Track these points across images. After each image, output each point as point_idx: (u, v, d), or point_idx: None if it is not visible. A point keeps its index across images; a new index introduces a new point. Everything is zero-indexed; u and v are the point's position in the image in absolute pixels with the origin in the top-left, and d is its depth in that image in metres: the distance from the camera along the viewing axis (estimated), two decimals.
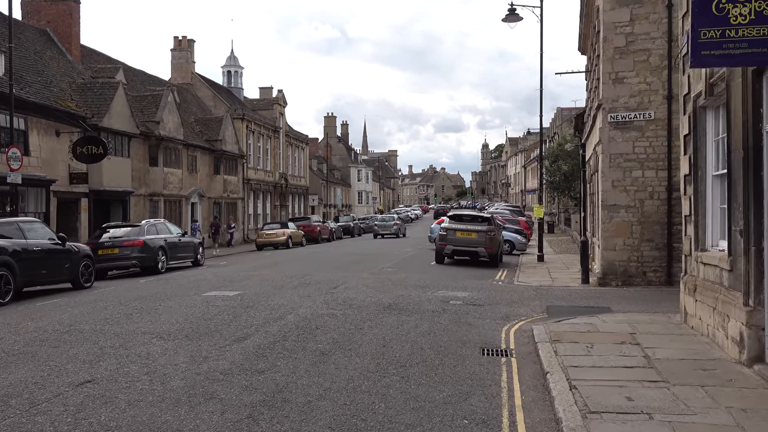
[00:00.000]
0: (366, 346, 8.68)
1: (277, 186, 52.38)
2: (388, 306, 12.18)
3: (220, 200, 41.19)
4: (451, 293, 14.27)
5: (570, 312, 11.76)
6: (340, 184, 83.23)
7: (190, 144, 36.95)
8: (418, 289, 14.94)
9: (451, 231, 22.78)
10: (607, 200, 15.83)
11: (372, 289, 14.72)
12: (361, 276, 17.93)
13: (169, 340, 8.99)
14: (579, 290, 15.30)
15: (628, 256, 15.70)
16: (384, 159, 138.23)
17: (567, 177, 49.18)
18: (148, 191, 32.34)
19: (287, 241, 37.00)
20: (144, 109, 33.33)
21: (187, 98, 44.25)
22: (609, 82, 15.82)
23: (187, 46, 47.04)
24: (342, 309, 11.76)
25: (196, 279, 17.57)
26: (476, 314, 11.48)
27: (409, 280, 16.75)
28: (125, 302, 12.90)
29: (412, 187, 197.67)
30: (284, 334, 9.36)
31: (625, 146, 15.74)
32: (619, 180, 15.76)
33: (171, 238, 21.82)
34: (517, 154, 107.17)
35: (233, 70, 55.61)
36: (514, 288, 15.85)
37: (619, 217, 15.76)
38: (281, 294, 13.80)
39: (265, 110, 53.74)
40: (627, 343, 8.44)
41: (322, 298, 13.09)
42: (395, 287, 15.17)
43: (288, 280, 16.71)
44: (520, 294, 14.46)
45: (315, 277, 17.34)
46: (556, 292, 14.97)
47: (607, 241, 15.82)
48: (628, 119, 15.70)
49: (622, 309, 11.98)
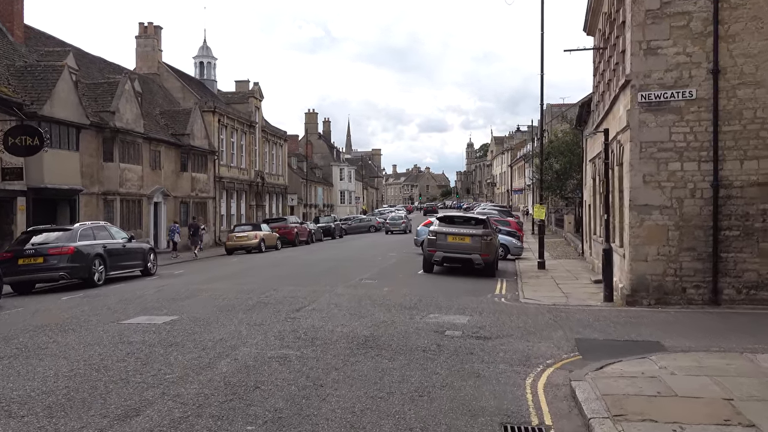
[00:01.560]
0: (323, 427, 5.55)
1: (252, 184, 49.02)
2: (364, 341, 9.05)
3: (188, 200, 37.78)
4: (447, 318, 11.16)
5: (609, 350, 8.71)
6: (321, 183, 79.90)
7: (152, 138, 33.55)
8: (404, 311, 11.82)
9: (442, 235, 19.68)
10: (637, 199, 12.82)
11: (345, 312, 11.58)
12: (335, 291, 14.78)
13: (15, 418, 5.77)
14: (605, 312, 12.22)
15: (663, 268, 12.69)
16: (367, 158, 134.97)
17: (559, 175, 46.26)
18: (102, 189, 28.91)
19: (259, 244, 33.77)
20: (98, 98, 29.92)
21: (152, 89, 40.80)
22: (639, 53, 12.80)
23: (153, 33, 43.51)
24: (301, 347, 8.61)
25: (131, 296, 14.30)
26: (484, 354, 8.39)
27: (392, 298, 13.63)
28: (13, 335, 9.64)
29: (397, 187, 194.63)
30: (202, 403, 6.18)
31: (659, 132, 12.73)
32: (651, 174, 12.74)
33: (113, 244, 18.50)
34: (503, 153, 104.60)
35: (206, 61, 52.13)
36: (523, 308, 12.78)
37: (652, 220, 12.74)
38: (226, 321, 10.62)
39: (239, 104, 50.37)
40: (735, 425, 5.37)
41: (278, 329, 9.93)
42: (375, 309, 12.04)
43: (243, 297, 13.52)
44: (534, 318, 11.37)
45: (278, 294, 14.17)
46: (577, 314, 11.90)
47: (636, 249, 12.80)
48: (664, 99, 12.68)
49: (678, 344, 8.95)
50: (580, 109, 23.72)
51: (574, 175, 44.54)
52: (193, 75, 51.32)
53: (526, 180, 73.91)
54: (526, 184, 76.37)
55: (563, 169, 45.10)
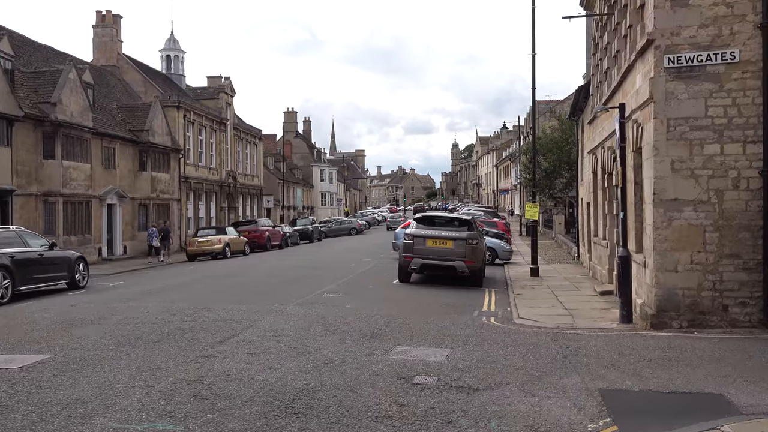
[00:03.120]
0: None
1: (223, 185, 45.84)
2: (292, 400, 6.12)
3: (147, 201, 34.58)
4: (418, 353, 8.25)
5: (654, 411, 5.85)
6: (300, 184, 76.71)
7: (104, 133, 30.38)
8: (362, 342, 8.90)
9: (420, 239, 16.78)
10: (664, 192, 9.99)
11: (284, 345, 8.64)
12: (284, 310, 11.84)
13: None
14: (628, 340, 9.32)
15: (699, 280, 9.87)
16: (350, 159, 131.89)
17: (547, 174, 43.68)
18: (42, 190, 25.74)
19: (224, 249, 30.75)
20: (39, 88, 26.79)
21: (110, 82, 37.61)
22: (665, 4, 9.98)
23: (112, 22, 40.23)
24: (189, 415, 5.66)
25: (20, 320, 11.23)
26: (468, 423, 5.50)
27: (353, 320, 10.72)
28: None
29: (381, 189, 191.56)
30: None
31: (691, 106, 9.92)
32: (682, 160, 9.93)
33: (25, 253, 15.41)
34: (488, 153, 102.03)
35: (173, 54, 48.86)
36: (519, 334, 9.89)
37: (683, 219, 9.93)
38: (111, 363, 7.64)
39: (210, 100, 47.15)
40: None
41: (176, 377, 6.96)
42: (326, 339, 9.12)
43: (162, 321, 10.55)
44: (536, 352, 8.48)
45: (209, 315, 11.21)
46: (592, 344, 9.01)
47: (663, 257, 9.96)
48: (698, 63, 9.88)
49: (752, 399, 6.11)
50: (576, 95, 20.90)
51: (563, 173, 42.11)
52: (160, 69, 48.11)
53: (513, 180, 71.30)
54: (512, 184, 73.79)
55: (552, 167, 42.58)
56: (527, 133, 67.72)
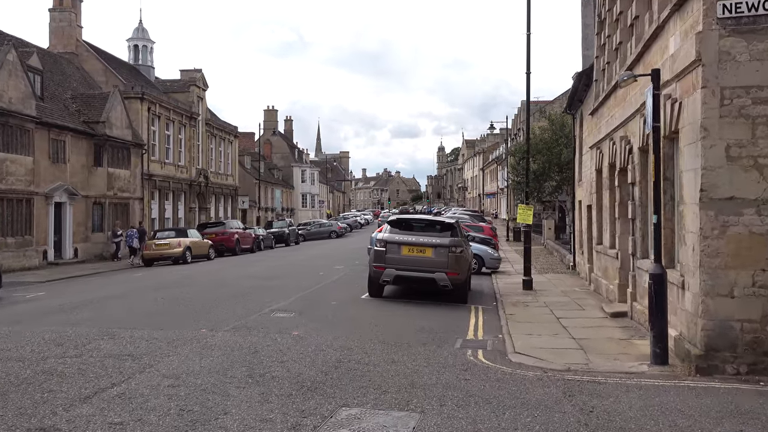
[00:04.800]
0: None
1: (193, 184, 42.81)
2: None
3: (103, 200, 31.52)
4: (371, 422, 5.49)
5: None
6: (280, 184, 73.71)
7: (52, 124, 27.38)
8: (293, 399, 6.12)
9: (393, 246, 14.03)
10: (715, 189, 7.32)
11: (173, 408, 5.83)
12: (208, 341, 9.02)
13: None
14: (673, 398, 6.58)
15: (765, 310, 7.21)
16: (334, 160, 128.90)
17: (536, 176, 41.16)
18: None
19: (184, 253, 27.82)
20: None
21: (66, 70, 34.54)
22: None
23: (71, 5, 37.08)
24: None
25: None
26: None
27: (291, 358, 7.93)
28: None
29: (366, 191, 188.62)
30: None
31: (755, 71, 7.27)
32: (742, 144, 7.27)
33: None
34: (474, 156, 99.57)
35: (141, 44, 45.74)
36: (518, 384, 7.14)
37: (743, 225, 7.27)
38: None
39: (180, 93, 44.06)
40: None
41: None
42: (241, 393, 6.32)
43: (35, 356, 7.73)
44: (545, 421, 5.71)
45: (102, 347, 8.39)
46: (623, 404, 6.27)
47: (714, 277, 7.29)
48: (764, 11, 7.23)
49: None
50: (576, 82, 18.21)
51: (553, 176, 39.75)
52: (126, 60, 45.05)
53: (499, 183, 68.79)
54: (498, 187, 71.30)
55: (541, 170, 40.08)
56: (515, 134, 65.21)
